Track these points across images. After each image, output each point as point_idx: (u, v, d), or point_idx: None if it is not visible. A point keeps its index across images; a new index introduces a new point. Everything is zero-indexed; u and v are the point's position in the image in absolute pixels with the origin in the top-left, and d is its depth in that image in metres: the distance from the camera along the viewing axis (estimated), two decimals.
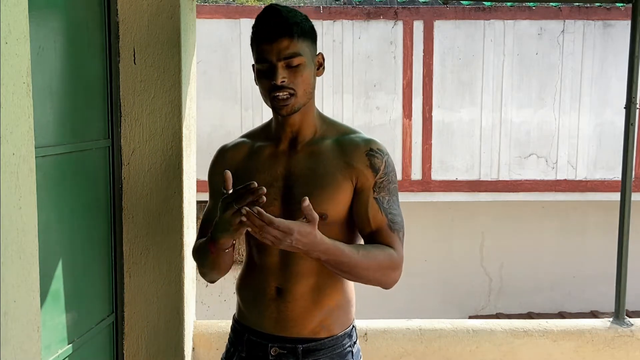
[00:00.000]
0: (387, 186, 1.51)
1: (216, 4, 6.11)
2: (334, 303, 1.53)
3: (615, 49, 5.78)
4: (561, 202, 6.14)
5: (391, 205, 1.51)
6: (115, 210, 2.00)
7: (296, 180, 1.51)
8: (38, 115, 1.39)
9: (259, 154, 1.58)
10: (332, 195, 1.48)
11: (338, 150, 1.52)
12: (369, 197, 1.49)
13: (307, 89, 1.48)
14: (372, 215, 1.49)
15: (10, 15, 1.11)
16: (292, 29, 1.44)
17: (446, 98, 5.92)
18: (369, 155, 1.50)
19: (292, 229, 1.29)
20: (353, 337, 1.60)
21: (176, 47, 1.98)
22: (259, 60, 1.47)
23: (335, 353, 1.54)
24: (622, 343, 2.41)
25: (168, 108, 2.01)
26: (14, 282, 1.13)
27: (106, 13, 1.92)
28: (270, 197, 1.49)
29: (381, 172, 1.50)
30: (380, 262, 1.44)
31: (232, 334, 1.67)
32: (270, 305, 1.53)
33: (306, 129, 1.55)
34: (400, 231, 1.51)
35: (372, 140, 1.54)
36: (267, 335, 1.54)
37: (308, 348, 1.52)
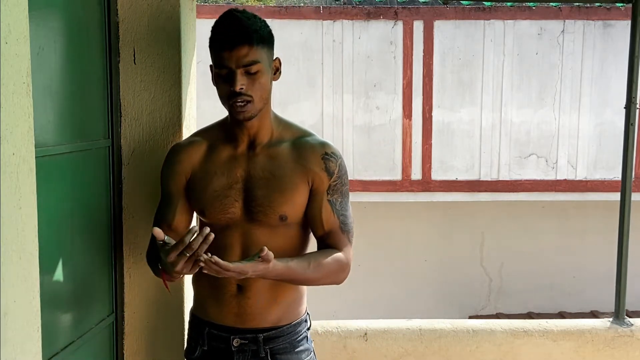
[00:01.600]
0: (340, 189, 1.59)
1: (216, 4, 6.11)
2: (290, 298, 1.62)
3: (615, 49, 5.78)
4: (561, 202, 6.14)
5: (343, 207, 1.60)
6: (115, 210, 2.00)
7: (256, 182, 1.56)
8: (38, 115, 1.39)
9: (216, 155, 1.62)
10: (291, 197, 1.55)
11: (295, 153, 1.58)
12: (322, 200, 1.57)
13: (263, 95, 1.53)
14: (325, 218, 1.58)
15: (10, 15, 1.10)
16: (251, 37, 1.48)
17: (446, 98, 5.92)
18: (324, 159, 1.57)
19: (246, 270, 1.38)
20: (307, 323, 1.70)
21: (176, 47, 1.98)
22: (218, 66, 1.52)
23: (293, 339, 1.63)
24: (622, 343, 2.41)
25: (168, 108, 2.01)
26: (14, 282, 1.13)
27: (106, 13, 1.92)
28: (231, 198, 1.57)
29: (335, 175, 1.58)
30: (329, 269, 1.56)
31: (190, 329, 1.72)
32: (231, 301, 1.59)
33: (263, 132, 1.59)
34: (350, 232, 1.62)
35: (326, 143, 1.61)
36: (228, 328, 1.61)
37: (269, 336, 1.60)
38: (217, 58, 1.52)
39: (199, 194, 1.62)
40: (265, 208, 1.54)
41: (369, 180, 5.90)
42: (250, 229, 1.58)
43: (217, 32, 1.51)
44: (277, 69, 1.58)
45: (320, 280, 1.56)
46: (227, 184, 1.58)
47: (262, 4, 7.24)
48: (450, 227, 6.51)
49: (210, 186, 1.59)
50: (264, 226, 1.57)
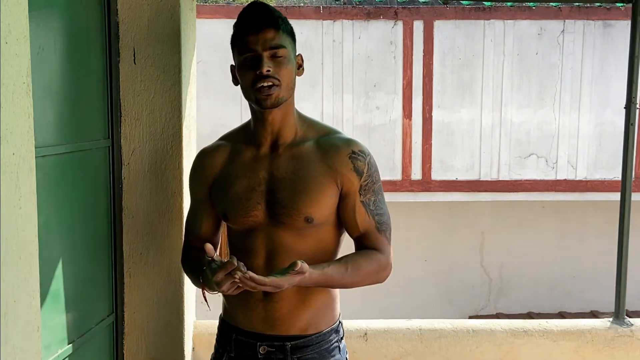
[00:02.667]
0: (372, 187, 1.53)
1: (216, 4, 6.11)
2: (320, 302, 1.55)
3: (615, 49, 5.78)
4: (561, 202, 6.14)
5: (377, 206, 1.54)
6: (115, 210, 2.00)
7: (279, 184, 1.51)
8: (38, 115, 1.39)
9: (239, 158, 1.57)
10: (317, 198, 1.49)
11: (320, 153, 1.52)
12: (355, 202, 1.51)
13: (289, 82, 1.48)
14: (359, 220, 1.52)
15: (10, 15, 1.11)
16: (277, 22, 1.46)
17: (446, 98, 5.92)
18: (351, 159, 1.51)
19: (281, 284, 1.35)
20: (340, 333, 1.63)
21: (176, 47, 1.98)
22: (243, 51, 1.47)
23: (323, 349, 1.56)
24: (622, 343, 2.41)
25: (168, 108, 2.01)
26: (14, 282, 1.13)
27: (106, 13, 1.92)
28: (253, 201, 1.51)
29: (365, 174, 1.52)
30: (368, 271, 1.51)
31: (219, 334, 1.67)
32: (258, 305, 1.53)
33: (287, 130, 1.54)
34: (387, 230, 1.56)
35: (352, 141, 1.55)
36: (255, 334, 1.55)
37: (296, 345, 1.53)
38: (243, 44, 1.47)
39: (221, 198, 1.57)
40: (289, 210, 1.48)
41: None
42: (275, 232, 1.51)
43: (243, 19, 1.48)
44: (299, 64, 1.54)
45: (360, 282, 1.51)
46: (249, 187, 1.52)
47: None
48: (450, 227, 6.51)
49: (232, 189, 1.54)
50: (289, 229, 1.50)
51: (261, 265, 1.52)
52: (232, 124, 5.86)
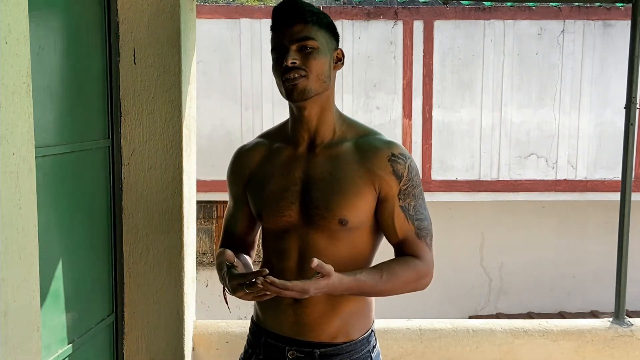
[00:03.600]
0: (412, 191, 1.47)
1: (216, 4, 6.11)
2: (352, 308, 1.51)
3: (615, 49, 5.78)
4: (561, 202, 6.14)
5: (417, 211, 1.48)
6: (115, 210, 2.00)
7: (314, 184, 1.47)
8: (38, 115, 1.39)
9: (276, 157, 1.54)
10: (352, 201, 1.44)
11: (358, 154, 1.47)
12: (394, 207, 1.46)
13: (320, 74, 1.44)
14: (398, 226, 1.46)
15: (10, 15, 1.11)
16: (306, 16, 1.43)
17: (446, 98, 5.92)
18: (391, 161, 1.46)
19: (307, 289, 1.30)
20: (372, 342, 1.58)
21: (176, 47, 1.98)
22: (274, 47, 1.46)
23: (354, 358, 1.52)
24: (622, 343, 2.41)
25: (168, 108, 2.01)
26: (14, 282, 1.13)
27: (106, 13, 1.92)
28: (287, 201, 1.48)
29: (405, 178, 1.46)
30: (406, 279, 1.44)
31: (250, 336, 1.63)
32: (288, 309, 1.50)
33: (324, 128, 1.50)
34: (428, 236, 1.50)
35: (392, 143, 1.49)
36: (284, 339, 1.52)
37: (325, 353, 1.49)
38: (273, 41, 1.46)
39: (256, 196, 1.54)
40: (322, 211, 1.44)
41: None
42: (308, 234, 1.47)
43: (274, 16, 1.47)
44: (339, 59, 1.51)
45: (396, 290, 1.44)
46: (284, 186, 1.48)
47: (262, 4, 7.24)
48: (450, 227, 6.51)
49: (267, 188, 1.51)
50: (323, 230, 1.45)
51: (293, 268, 1.49)
52: (232, 124, 5.89)
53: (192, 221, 2.22)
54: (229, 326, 2.39)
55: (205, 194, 5.64)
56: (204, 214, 6.85)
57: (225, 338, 2.35)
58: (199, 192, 2.43)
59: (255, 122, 5.78)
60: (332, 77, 1.49)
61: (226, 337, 2.35)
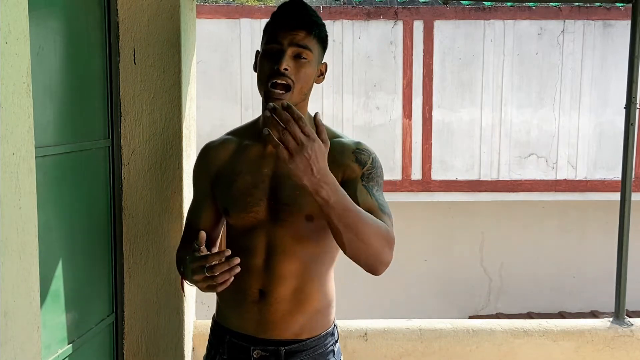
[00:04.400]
0: (376, 179, 1.49)
1: (216, 4, 6.11)
2: (316, 306, 1.53)
3: (615, 49, 5.78)
4: (561, 202, 6.14)
5: (380, 195, 1.47)
6: (115, 210, 2.00)
7: (282, 182, 1.49)
8: (38, 115, 1.39)
9: (245, 154, 1.56)
10: None
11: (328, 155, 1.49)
12: (357, 185, 1.45)
13: (304, 87, 1.47)
14: (362, 200, 1.42)
15: (10, 15, 1.11)
16: (312, 26, 1.46)
17: (446, 98, 5.92)
18: (355, 153, 1.50)
19: (314, 137, 1.18)
20: (335, 336, 1.60)
21: (176, 47, 1.98)
22: (269, 41, 1.46)
23: (318, 353, 1.54)
24: (622, 343, 2.41)
25: (168, 108, 2.01)
26: (14, 282, 1.13)
27: (106, 13, 1.92)
28: (255, 197, 1.50)
29: (368, 164, 1.49)
30: (380, 229, 1.34)
31: (211, 336, 1.65)
32: (253, 307, 1.51)
33: None
34: (391, 217, 1.45)
35: (360, 142, 1.54)
36: (249, 338, 1.53)
37: (291, 350, 1.51)
38: (272, 34, 1.46)
39: (224, 192, 1.56)
40: (291, 207, 1.46)
41: None
42: (276, 231, 1.50)
43: (281, 12, 1.48)
44: (322, 72, 1.54)
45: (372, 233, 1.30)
46: (253, 183, 1.51)
47: (262, 4, 7.23)
48: (450, 227, 6.51)
49: (235, 184, 1.53)
50: (290, 227, 1.48)
51: (260, 265, 1.50)
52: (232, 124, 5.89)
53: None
54: None
55: None
56: None
57: None
58: None
59: None
60: (311, 89, 1.52)
61: None
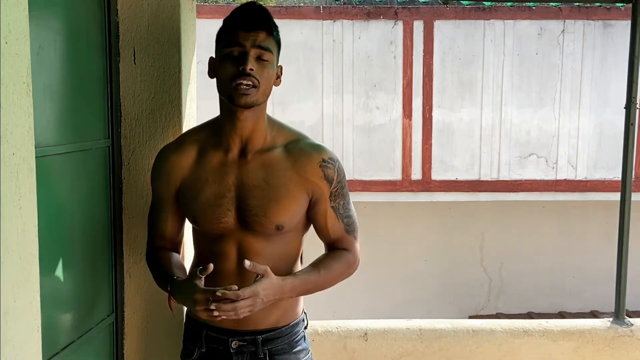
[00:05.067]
0: (341, 192, 1.59)
1: (216, 4, 6.11)
2: (288, 301, 1.60)
3: (615, 49, 5.78)
4: (561, 202, 6.14)
5: (346, 208, 1.61)
6: (115, 210, 2.00)
7: (250, 191, 1.52)
8: (38, 115, 1.38)
9: (207, 162, 1.57)
10: (288, 207, 1.52)
11: (290, 161, 1.54)
12: (326, 208, 1.57)
13: (267, 88, 1.50)
14: (330, 225, 1.59)
15: (10, 15, 1.10)
16: (271, 27, 1.49)
17: (446, 98, 5.92)
18: (322, 167, 1.55)
19: (256, 291, 1.40)
20: (304, 322, 1.70)
21: (176, 47, 1.98)
22: (229, 44, 1.47)
23: (292, 339, 1.63)
24: (622, 343, 2.41)
25: (168, 108, 2.01)
26: (14, 282, 1.13)
27: (106, 13, 1.92)
28: (223, 208, 1.53)
29: (335, 181, 1.56)
30: (339, 271, 1.60)
31: (186, 331, 1.72)
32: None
33: (257, 135, 1.55)
34: (355, 230, 1.64)
35: (321, 148, 1.58)
36: (226, 331, 1.60)
37: (267, 337, 1.60)
38: (231, 37, 1.47)
39: (190, 203, 1.58)
40: (260, 218, 1.51)
41: (369, 180, 5.90)
42: (245, 238, 1.55)
43: (237, 15, 1.49)
44: (278, 75, 1.56)
45: (333, 282, 1.59)
46: (219, 193, 1.53)
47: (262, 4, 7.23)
48: (450, 227, 6.51)
49: (202, 195, 1.55)
50: (260, 235, 1.54)
51: (233, 270, 1.56)
52: None
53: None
54: None
55: None
56: None
57: None
58: None
59: None
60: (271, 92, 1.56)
61: None
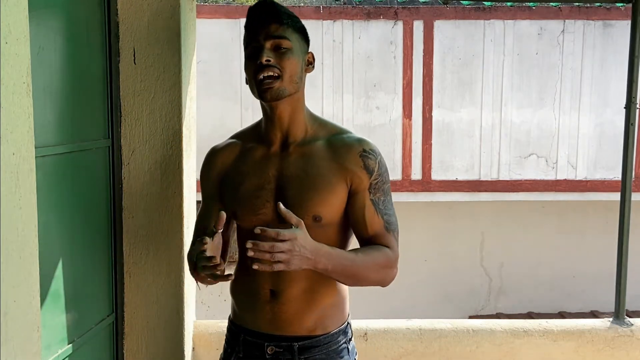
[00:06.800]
0: (382, 187, 1.52)
1: (216, 4, 6.11)
2: (328, 302, 1.54)
3: (615, 49, 5.78)
4: (561, 202, 6.14)
5: (386, 206, 1.53)
6: (115, 210, 2.00)
7: (288, 182, 1.50)
8: (38, 115, 1.39)
9: (249, 156, 1.57)
10: (326, 197, 1.48)
11: (330, 151, 1.51)
12: (365, 200, 1.49)
13: (293, 75, 1.47)
14: (369, 219, 1.50)
15: (10, 15, 1.11)
16: (282, 17, 1.47)
17: (446, 98, 5.92)
18: (362, 157, 1.50)
19: (294, 235, 1.31)
20: (348, 334, 1.61)
21: (176, 47, 1.98)
22: (248, 44, 1.48)
23: (331, 350, 1.55)
24: (622, 343, 2.41)
25: (168, 108, 2.01)
26: (14, 282, 1.13)
27: (106, 13, 1.92)
28: (262, 199, 1.51)
29: (375, 173, 1.51)
30: (378, 262, 1.47)
31: (228, 335, 1.67)
32: (265, 307, 1.53)
33: (296, 128, 1.53)
34: (395, 231, 1.54)
35: (364, 140, 1.54)
36: (263, 335, 1.55)
37: (304, 345, 1.53)
38: (247, 38, 1.48)
39: (231, 195, 1.57)
40: (297, 208, 1.44)
41: None
42: None
43: (249, 15, 1.49)
44: (310, 62, 1.54)
45: (370, 272, 1.46)
46: (259, 185, 1.51)
47: None
48: (450, 227, 6.52)
49: (242, 187, 1.54)
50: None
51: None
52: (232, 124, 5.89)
53: (192, 221, 2.22)
54: None
55: None
56: None
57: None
58: (199, 192, 2.43)
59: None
60: (304, 79, 1.53)
61: None
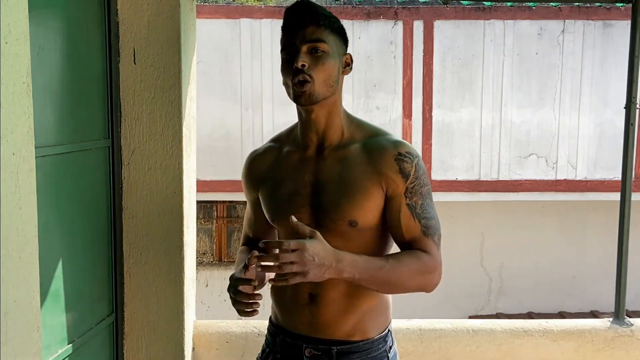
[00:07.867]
0: (420, 190, 1.47)
1: (216, 4, 6.11)
2: (368, 307, 1.51)
3: (615, 49, 5.79)
4: (561, 202, 6.14)
5: (425, 210, 1.48)
6: (115, 210, 2.00)
7: (324, 187, 1.47)
8: (38, 115, 1.39)
9: (286, 160, 1.55)
10: (361, 202, 1.44)
11: (366, 155, 1.47)
12: (401, 205, 1.45)
13: (327, 79, 1.44)
14: (404, 224, 1.46)
15: (10, 15, 1.11)
16: (319, 19, 1.44)
17: (446, 98, 5.92)
18: (397, 160, 1.45)
19: (303, 244, 1.28)
20: (388, 342, 1.57)
21: (176, 47, 1.98)
22: (284, 48, 1.46)
23: (370, 357, 1.52)
24: (622, 343, 2.41)
25: (168, 108, 2.01)
26: (14, 282, 1.13)
27: (106, 13, 1.92)
28: (297, 204, 1.48)
29: (412, 176, 1.46)
30: (412, 268, 1.43)
31: (268, 336, 1.65)
32: (304, 310, 1.51)
33: (333, 132, 1.51)
34: (435, 235, 1.49)
35: (400, 142, 1.49)
36: (301, 337, 1.53)
37: (342, 350, 1.50)
38: (284, 40, 1.46)
39: (268, 201, 1.56)
40: (332, 214, 1.44)
41: None
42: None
43: (285, 17, 1.47)
44: (347, 63, 1.53)
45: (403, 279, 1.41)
46: (294, 190, 1.50)
47: (262, 4, 7.23)
48: (451, 227, 6.51)
49: (278, 192, 1.53)
50: (333, 233, 1.45)
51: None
52: (232, 124, 5.89)
53: (192, 221, 2.22)
54: (229, 326, 2.39)
55: (205, 194, 5.64)
56: (204, 214, 6.85)
57: (225, 338, 2.35)
58: (199, 192, 2.43)
59: (255, 122, 5.78)
60: (340, 82, 1.50)
61: (226, 337, 2.35)
